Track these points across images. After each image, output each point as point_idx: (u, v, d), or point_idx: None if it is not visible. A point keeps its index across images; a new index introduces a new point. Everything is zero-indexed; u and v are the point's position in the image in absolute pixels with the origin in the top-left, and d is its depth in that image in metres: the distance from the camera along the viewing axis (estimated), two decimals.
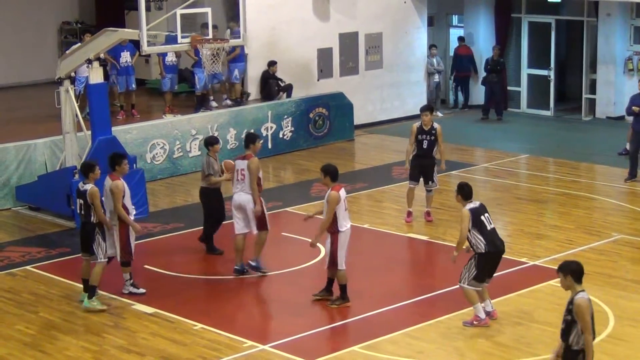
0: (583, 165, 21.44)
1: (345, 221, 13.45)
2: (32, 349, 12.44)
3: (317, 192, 18.61)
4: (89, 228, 13.54)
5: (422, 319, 13.08)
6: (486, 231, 12.52)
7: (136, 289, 14.11)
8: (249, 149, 14.88)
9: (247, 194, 14.64)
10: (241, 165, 14.69)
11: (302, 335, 12.70)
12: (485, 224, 12.55)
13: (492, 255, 12.59)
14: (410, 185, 17.42)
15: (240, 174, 14.68)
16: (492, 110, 26.59)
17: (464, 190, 12.73)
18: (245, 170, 14.61)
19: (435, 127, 17.03)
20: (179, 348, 12.36)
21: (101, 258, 13.54)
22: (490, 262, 12.63)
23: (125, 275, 14.11)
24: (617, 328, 12.65)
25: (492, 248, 12.54)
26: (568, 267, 9.53)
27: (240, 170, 14.69)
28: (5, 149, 18.82)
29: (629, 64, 25.39)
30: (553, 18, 26.67)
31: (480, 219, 12.52)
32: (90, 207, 13.42)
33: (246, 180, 14.61)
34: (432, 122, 17.06)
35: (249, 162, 14.61)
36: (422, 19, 26.85)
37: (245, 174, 14.62)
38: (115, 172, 13.79)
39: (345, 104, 24.32)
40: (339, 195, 13.28)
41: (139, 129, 20.70)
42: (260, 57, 23.68)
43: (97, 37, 17.54)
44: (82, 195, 13.52)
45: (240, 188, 14.70)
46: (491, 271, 12.74)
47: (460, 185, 12.82)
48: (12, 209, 18.71)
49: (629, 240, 16.30)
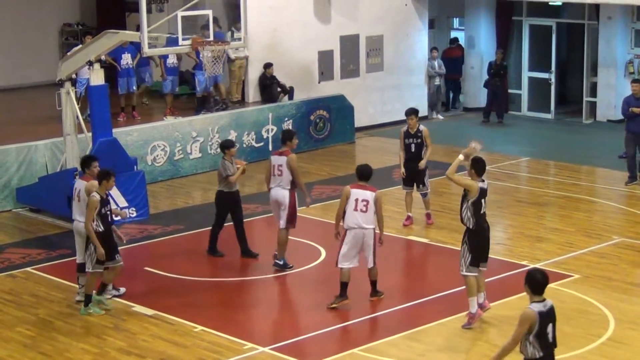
0: (584, 168, 21.45)
1: (350, 220, 13.36)
2: (32, 350, 12.44)
3: (318, 195, 18.60)
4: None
5: (422, 321, 13.08)
6: (479, 213, 12.60)
7: (118, 291, 14.03)
8: (285, 146, 15.08)
9: (283, 189, 14.90)
10: (278, 161, 14.90)
11: (302, 338, 12.70)
12: (482, 207, 12.64)
13: (479, 235, 12.63)
14: (406, 190, 17.41)
15: (278, 170, 14.88)
16: (493, 113, 26.61)
17: (479, 165, 12.67)
18: (283, 167, 14.84)
19: (421, 129, 17.00)
20: (179, 350, 12.35)
21: (89, 268, 13.37)
22: (478, 241, 12.64)
23: (82, 280, 13.88)
24: (618, 331, 12.65)
25: (479, 228, 12.62)
26: (528, 276, 9.29)
27: (278, 166, 14.88)
28: (6, 150, 18.83)
29: (629, 67, 25.40)
30: (554, 21, 26.68)
31: (481, 201, 12.61)
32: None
33: (283, 176, 14.84)
34: (417, 125, 16.99)
35: (288, 159, 14.84)
36: (423, 22, 26.85)
37: (283, 170, 14.85)
38: (86, 174, 13.77)
39: (346, 106, 24.33)
40: (348, 190, 13.38)
41: (140, 130, 20.71)
42: (261, 60, 23.69)
43: (98, 39, 17.54)
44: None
45: (277, 183, 14.94)
46: (483, 254, 12.76)
47: (475, 160, 12.72)
48: (12, 210, 18.71)
49: (629, 243, 16.29)
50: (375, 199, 13.27)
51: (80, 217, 13.58)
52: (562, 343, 12.23)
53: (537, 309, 9.13)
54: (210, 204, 18.88)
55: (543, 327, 9.13)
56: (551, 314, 9.24)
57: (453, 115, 27.77)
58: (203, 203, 19.27)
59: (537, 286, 9.22)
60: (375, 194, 13.31)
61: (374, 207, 13.25)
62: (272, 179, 14.99)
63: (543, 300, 9.21)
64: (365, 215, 13.25)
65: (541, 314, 9.12)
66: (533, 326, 9.11)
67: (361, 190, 13.31)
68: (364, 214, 13.24)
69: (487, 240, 12.88)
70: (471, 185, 12.58)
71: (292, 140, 15.09)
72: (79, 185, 13.71)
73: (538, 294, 9.21)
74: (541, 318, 9.11)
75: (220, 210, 15.80)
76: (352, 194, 13.30)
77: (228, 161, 15.52)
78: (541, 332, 9.13)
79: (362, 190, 13.31)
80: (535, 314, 9.10)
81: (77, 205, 13.69)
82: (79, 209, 13.62)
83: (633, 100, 19.87)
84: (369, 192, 13.30)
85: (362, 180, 13.48)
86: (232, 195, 15.64)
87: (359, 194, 13.27)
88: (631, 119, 19.75)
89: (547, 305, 9.21)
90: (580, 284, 14.32)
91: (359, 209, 13.25)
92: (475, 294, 12.76)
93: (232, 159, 15.60)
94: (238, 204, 15.79)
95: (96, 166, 13.84)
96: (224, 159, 15.56)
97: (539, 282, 9.22)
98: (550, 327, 9.22)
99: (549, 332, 9.20)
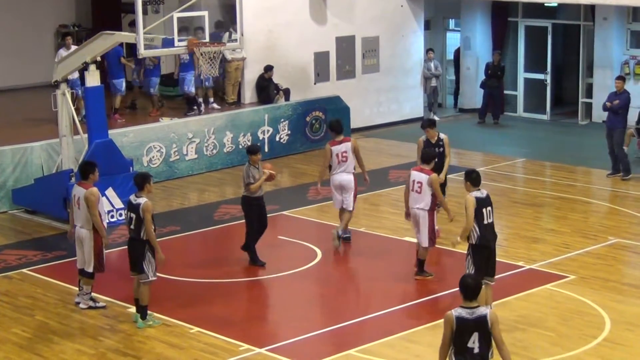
0: (579, 169, 21.46)
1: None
2: (28, 352, 12.43)
3: (314, 196, 18.61)
4: (139, 245, 12.90)
5: (418, 322, 13.07)
6: (482, 224, 12.48)
7: (95, 303, 13.77)
8: (341, 134, 16.15)
9: (348, 174, 16.01)
10: (342, 148, 15.98)
11: (298, 339, 12.69)
12: (484, 217, 12.49)
13: (481, 248, 12.52)
14: None
15: (342, 156, 15.98)
16: (488, 114, 26.63)
17: (471, 177, 12.65)
18: (347, 152, 15.95)
19: (442, 137, 16.62)
20: (175, 351, 12.34)
21: (151, 277, 13.01)
22: (480, 254, 12.53)
23: (87, 288, 13.70)
24: (614, 332, 12.65)
25: (482, 241, 12.50)
26: (461, 281, 8.98)
27: (342, 153, 15.97)
28: (2, 152, 18.81)
29: (625, 68, 25.40)
30: (550, 22, 26.69)
31: (482, 211, 12.47)
32: (142, 222, 12.78)
33: (348, 161, 15.96)
34: (438, 134, 16.67)
35: (352, 144, 16.02)
36: (419, 23, 26.87)
37: (347, 155, 15.95)
38: (88, 180, 13.51)
39: (341, 107, 24.33)
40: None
41: (136, 132, 20.69)
42: (257, 61, 23.69)
43: (94, 40, 17.52)
44: (134, 209, 12.88)
45: (343, 169, 16.00)
46: (487, 267, 12.62)
47: (468, 172, 12.72)
48: (8, 212, 18.70)
49: (625, 244, 16.31)
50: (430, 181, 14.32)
51: (81, 224, 13.48)
52: (558, 344, 12.30)
53: (457, 313, 8.83)
54: (206, 205, 18.95)
55: (463, 335, 8.77)
56: (479, 321, 8.82)
57: (449, 117, 27.77)
58: (199, 204, 19.28)
59: (467, 291, 8.87)
60: (430, 177, 14.31)
61: (428, 188, 14.26)
62: (336, 167, 16.00)
63: (472, 307, 8.83)
64: (419, 196, 14.32)
65: (459, 318, 8.78)
66: (452, 329, 8.78)
67: (417, 173, 14.42)
68: (417, 195, 14.33)
69: (492, 254, 12.66)
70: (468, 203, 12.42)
71: (343, 129, 16.40)
72: (78, 192, 13.46)
73: (468, 299, 8.87)
74: (458, 322, 8.77)
75: (248, 215, 15.40)
76: (411, 175, 14.46)
77: (253, 166, 15.13)
78: (460, 341, 8.76)
79: (418, 173, 14.41)
80: (452, 317, 8.81)
81: (77, 213, 13.50)
82: (80, 216, 13.47)
83: (613, 96, 20.26)
84: (424, 175, 14.34)
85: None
86: (257, 200, 15.27)
87: (415, 176, 14.38)
88: (610, 114, 20.31)
89: (474, 312, 8.81)
90: (576, 285, 14.33)
91: (414, 190, 14.32)
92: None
93: (258, 164, 15.20)
94: (263, 211, 15.46)
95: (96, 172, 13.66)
96: (249, 163, 15.17)
97: (470, 287, 8.86)
98: (475, 336, 8.80)
99: (474, 341, 8.78)
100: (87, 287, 13.71)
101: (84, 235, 13.45)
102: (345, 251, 16.27)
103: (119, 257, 16.02)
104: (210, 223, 17.71)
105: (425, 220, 14.37)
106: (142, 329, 12.98)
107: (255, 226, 15.38)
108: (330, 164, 16.13)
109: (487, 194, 12.65)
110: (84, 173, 13.65)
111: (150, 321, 13.10)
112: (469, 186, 12.63)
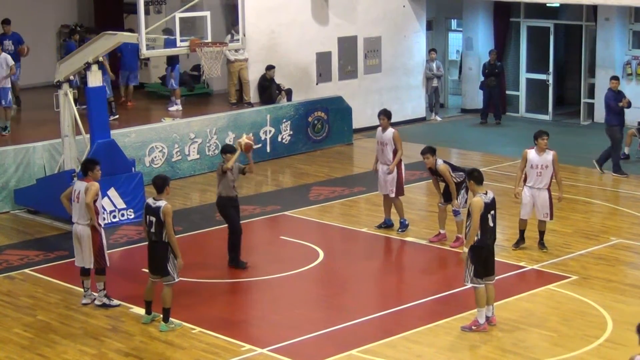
0: (581, 170, 21.43)
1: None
2: (30, 352, 12.43)
3: (316, 196, 18.61)
4: (161, 247, 12.80)
5: (420, 322, 13.07)
6: (485, 228, 12.49)
7: (109, 301, 13.80)
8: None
9: (383, 165, 16.61)
10: (384, 139, 16.52)
11: (300, 339, 12.69)
12: (488, 221, 12.51)
13: (479, 249, 12.53)
14: (439, 205, 16.45)
15: (381, 146, 16.61)
16: (490, 114, 26.63)
17: (474, 175, 12.67)
18: (387, 143, 16.49)
19: (438, 166, 15.86)
20: (177, 351, 12.35)
21: (176, 279, 12.96)
22: (478, 255, 12.54)
23: (99, 284, 13.69)
24: (616, 332, 12.65)
25: (481, 243, 12.52)
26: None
27: (382, 142, 16.56)
28: (4, 152, 18.83)
29: (627, 69, 25.40)
30: (552, 22, 26.68)
31: (487, 216, 12.50)
32: (162, 225, 12.70)
33: (386, 151, 16.53)
34: (435, 163, 15.86)
35: (393, 134, 16.46)
36: (421, 23, 26.87)
37: (387, 145, 16.51)
38: (87, 177, 13.59)
39: (344, 107, 24.33)
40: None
41: (138, 132, 20.70)
42: (259, 61, 23.69)
43: (96, 40, 17.53)
44: (154, 212, 12.79)
45: (383, 160, 16.66)
46: (486, 267, 12.64)
47: (470, 171, 12.72)
48: (10, 212, 18.71)
49: (627, 244, 16.30)
50: None
51: (80, 220, 13.54)
52: (560, 344, 12.29)
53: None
54: (208, 205, 18.93)
55: None
56: None
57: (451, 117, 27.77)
58: (201, 204, 19.28)
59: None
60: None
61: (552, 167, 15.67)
62: (378, 158, 16.65)
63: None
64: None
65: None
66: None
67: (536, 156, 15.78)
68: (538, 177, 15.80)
69: (491, 254, 12.72)
70: (474, 206, 12.42)
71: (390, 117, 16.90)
72: (79, 186, 13.57)
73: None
74: None
75: (226, 216, 15.29)
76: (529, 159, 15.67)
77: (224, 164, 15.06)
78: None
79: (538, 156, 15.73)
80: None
81: (76, 207, 13.60)
82: (79, 211, 13.56)
83: (617, 95, 20.72)
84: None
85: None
86: (229, 200, 15.18)
87: (535, 160, 15.81)
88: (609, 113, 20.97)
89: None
90: (578, 285, 14.32)
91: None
92: (484, 305, 12.64)
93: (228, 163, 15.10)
94: (237, 212, 15.33)
95: (99, 169, 13.73)
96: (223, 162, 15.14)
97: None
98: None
99: None
100: (100, 284, 13.72)
101: (82, 232, 13.49)
102: (347, 251, 16.27)
103: (120, 257, 16.06)
104: (212, 223, 17.70)
105: None
106: (164, 332, 12.87)
107: (230, 227, 15.24)
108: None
109: (492, 197, 12.67)
110: (84, 169, 13.79)
111: (173, 324, 13.00)
112: (473, 185, 12.65)
